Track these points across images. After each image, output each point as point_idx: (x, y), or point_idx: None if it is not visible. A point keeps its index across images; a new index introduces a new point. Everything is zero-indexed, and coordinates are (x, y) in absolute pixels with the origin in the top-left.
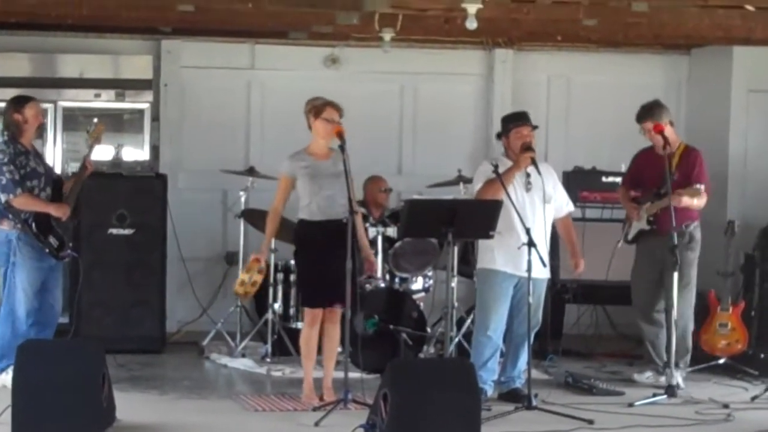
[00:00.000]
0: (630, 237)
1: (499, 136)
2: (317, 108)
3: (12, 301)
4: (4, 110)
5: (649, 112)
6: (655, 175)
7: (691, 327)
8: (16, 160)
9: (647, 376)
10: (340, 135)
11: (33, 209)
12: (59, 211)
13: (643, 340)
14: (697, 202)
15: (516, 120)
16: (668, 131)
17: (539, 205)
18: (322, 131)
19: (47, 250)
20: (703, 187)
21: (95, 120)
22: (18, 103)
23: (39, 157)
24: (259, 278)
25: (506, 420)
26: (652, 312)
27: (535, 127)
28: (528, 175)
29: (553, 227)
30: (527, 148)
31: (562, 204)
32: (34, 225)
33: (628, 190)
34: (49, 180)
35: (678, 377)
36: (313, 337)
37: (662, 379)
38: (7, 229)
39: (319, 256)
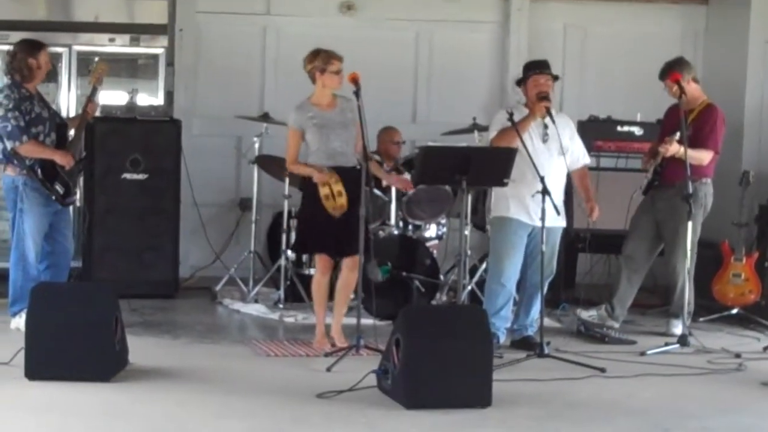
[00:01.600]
0: (643, 188)
1: (519, 83)
2: (322, 62)
3: (21, 246)
4: (12, 54)
5: (672, 67)
6: (672, 128)
7: (683, 282)
8: (21, 106)
9: (590, 314)
10: (356, 81)
11: (39, 156)
12: (63, 159)
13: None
14: (696, 155)
15: (534, 68)
16: (692, 87)
17: (555, 155)
18: (335, 84)
19: (53, 197)
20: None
21: (96, 59)
22: (33, 47)
23: (43, 101)
24: (339, 185)
25: (518, 367)
26: (632, 253)
27: (555, 78)
28: (545, 126)
29: (569, 178)
30: (543, 97)
31: (579, 156)
32: (39, 171)
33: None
34: (53, 125)
35: (680, 327)
36: (324, 284)
37: (610, 323)
38: (12, 175)
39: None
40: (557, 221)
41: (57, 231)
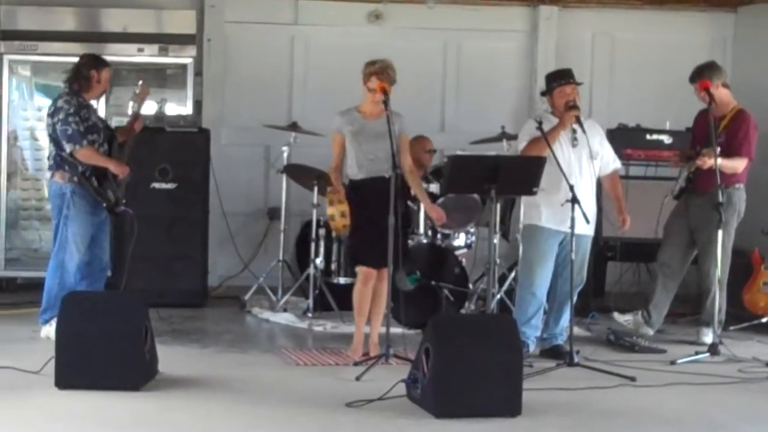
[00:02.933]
0: (675, 193)
1: (543, 93)
2: (366, 75)
3: (62, 254)
4: (78, 64)
5: (701, 72)
6: (704, 134)
7: (715, 290)
8: (80, 112)
9: (626, 319)
10: (384, 91)
11: (95, 163)
12: (118, 168)
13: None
14: (731, 164)
15: (559, 78)
16: (721, 92)
17: (585, 161)
18: (368, 99)
19: (105, 204)
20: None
21: (140, 82)
22: (97, 61)
23: (96, 113)
24: (344, 207)
25: (548, 376)
26: (669, 259)
27: (579, 84)
28: (574, 131)
29: (598, 184)
30: (572, 106)
31: (609, 160)
32: (94, 179)
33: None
34: (106, 136)
35: (711, 336)
36: (366, 295)
37: (643, 330)
38: (60, 182)
39: (365, 215)
40: (587, 230)
41: (96, 243)
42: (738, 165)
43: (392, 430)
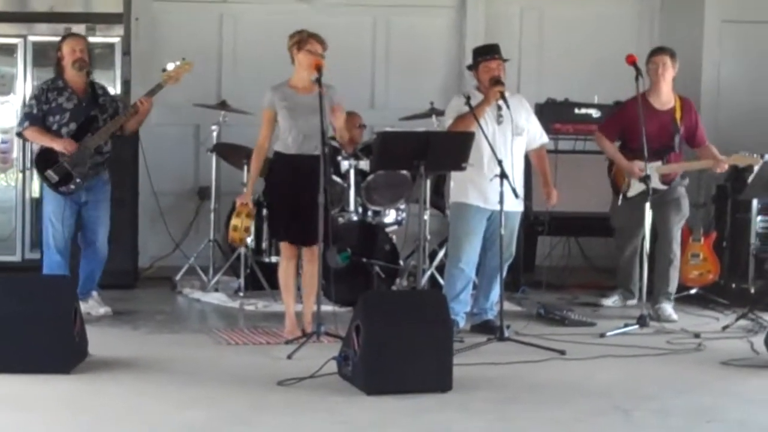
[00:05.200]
0: (632, 194)
1: (470, 67)
2: (300, 41)
3: (45, 233)
4: None
5: (667, 49)
6: (657, 131)
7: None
8: (44, 95)
9: (613, 300)
10: (318, 68)
11: (39, 142)
12: (61, 146)
13: (619, 267)
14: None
15: (484, 53)
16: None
17: (510, 137)
18: (305, 63)
19: (45, 183)
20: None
21: (183, 59)
22: (61, 40)
23: (76, 92)
24: (249, 222)
25: (478, 351)
26: (637, 242)
27: (505, 60)
28: (499, 108)
29: (528, 160)
30: (496, 81)
31: (535, 135)
32: (35, 157)
33: (611, 141)
34: (78, 116)
35: (671, 309)
36: (290, 272)
37: (630, 303)
38: None
39: (291, 190)
40: (516, 205)
41: (87, 229)
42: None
43: (323, 408)
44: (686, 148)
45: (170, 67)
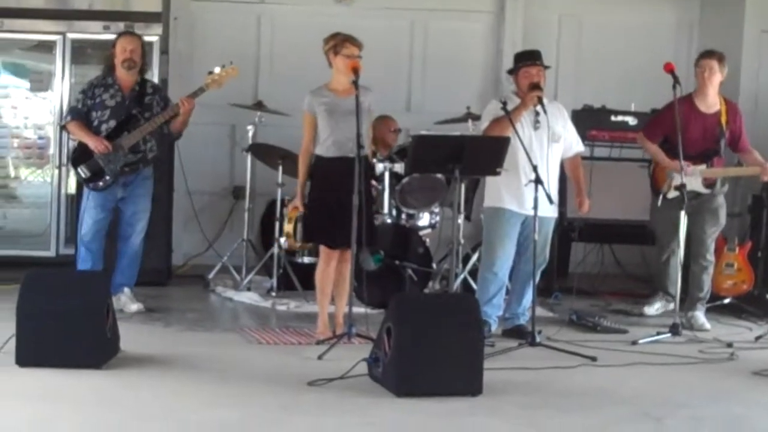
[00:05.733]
0: (672, 196)
1: (510, 72)
2: (336, 45)
3: (78, 227)
4: None
5: (715, 53)
6: (702, 134)
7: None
8: (91, 90)
9: (656, 307)
10: (355, 71)
11: (78, 137)
12: (94, 144)
13: (658, 272)
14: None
15: (525, 59)
16: (715, 84)
17: (547, 143)
18: (343, 68)
19: (77, 178)
20: None
21: (231, 62)
22: (116, 37)
23: (122, 90)
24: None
25: (509, 356)
26: (677, 246)
27: (546, 67)
28: (537, 114)
29: (562, 167)
30: (534, 86)
31: (571, 143)
32: (72, 151)
33: (654, 142)
34: (119, 114)
35: (703, 318)
36: (329, 275)
37: (671, 306)
38: None
39: (333, 194)
40: (550, 211)
41: (124, 222)
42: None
43: (353, 409)
44: (727, 153)
45: (216, 70)
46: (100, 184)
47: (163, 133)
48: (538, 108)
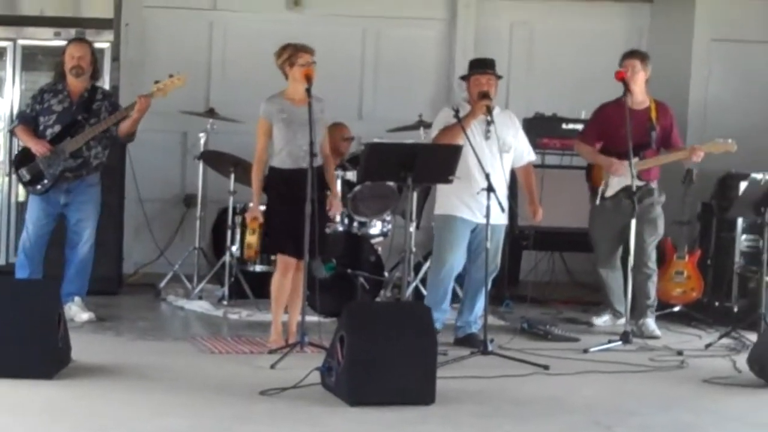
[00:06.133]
0: (610, 194)
1: (463, 78)
2: (291, 56)
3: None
4: None
5: (634, 53)
6: (633, 129)
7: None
8: (40, 96)
9: (604, 319)
10: (308, 78)
11: (23, 141)
12: (35, 147)
13: (601, 287)
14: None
15: (476, 67)
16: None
17: (497, 153)
18: (299, 76)
19: (18, 181)
20: (730, 140)
21: (179, 72)
22: (66, 44)
23: (71, 96)
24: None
25: (462, 364)
26: (615, 259)
27: (499, 77)
28: (488, 123)
29: (513, 176)
30: (483, 95)
31: (522, 152)
32: (16, 154)
33: (592, 145)
34: (64, 119)
35: (654, 325)
36: (285, 286)
37: (620, 322)
38: None
39: (291, 204)
40: (501, 218)
41: (71, 230)
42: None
43: (306, 418)
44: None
45: (164, 79)
46: (38, 187)
47: (112, 139)
48: (489, 117)
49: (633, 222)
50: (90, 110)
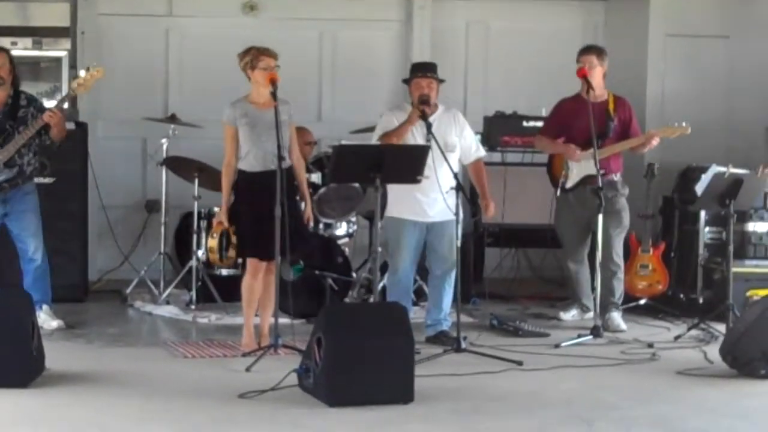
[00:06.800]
0: (570, 185)
1: (405, 81)
2: (252, 59)
3: None
4: None
5: (591, 49)
6: (589, 123)
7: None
8: None
9: (572, 314)
10: (273, 82)
11: None
12: None
13: (569, 281)
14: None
15: (417, 70)
16: (601, 77)
17: (440, 154)
18: (262, 80)
19: None
20: (684, 123)
21: (95, 64)
22: None
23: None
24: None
25: (436, 362)
26: (583, 252)
27: (441, 81)
28: (429, 126)
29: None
30: (422, 101)
31: (470, 149)
32: None
33: (552, 139)
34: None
35: (619, 319)
36: (256, 288)
37: (588, 316)
38: None
39: (258, 209)
40: (449, 215)
41: (18, 240)
42: None
43: (287, 420)
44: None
45: (82, 74)
46: None
47: (44, 146)
48: (431, 119)
49: (600, 217)
50: (16, 117)
